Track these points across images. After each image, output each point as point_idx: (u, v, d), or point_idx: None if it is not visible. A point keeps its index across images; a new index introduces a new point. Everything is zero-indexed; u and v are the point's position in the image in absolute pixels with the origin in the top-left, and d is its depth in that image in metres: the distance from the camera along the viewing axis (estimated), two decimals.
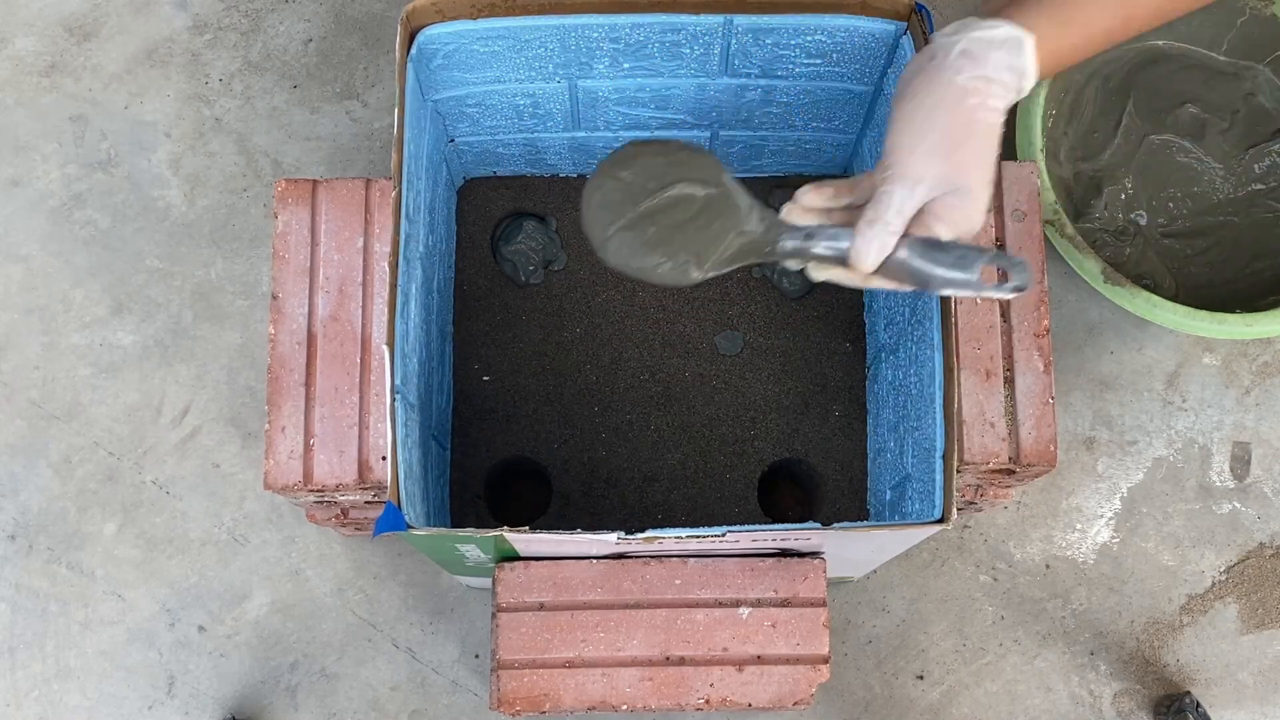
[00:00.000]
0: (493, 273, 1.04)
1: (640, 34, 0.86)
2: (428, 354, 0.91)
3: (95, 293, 1.33)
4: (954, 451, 0.78)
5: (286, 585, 1.27)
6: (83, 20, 1.40)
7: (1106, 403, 1.32)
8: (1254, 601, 1.29)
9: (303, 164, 1.37)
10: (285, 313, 0.94)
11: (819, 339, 1.03)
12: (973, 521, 1.29)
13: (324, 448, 0.91)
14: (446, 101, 0.93)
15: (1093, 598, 1.28)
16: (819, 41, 0.87)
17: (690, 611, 0.90)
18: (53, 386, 1.31)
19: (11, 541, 1.28)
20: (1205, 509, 1.31)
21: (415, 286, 0.85)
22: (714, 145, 1.01)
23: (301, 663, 1.26)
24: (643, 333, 1.03)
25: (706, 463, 1.01)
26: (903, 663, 1.27)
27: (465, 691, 1.26)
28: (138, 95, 1.38)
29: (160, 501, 1.29)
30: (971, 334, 0.94)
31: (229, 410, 1.31)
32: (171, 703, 1.25)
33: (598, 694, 0.89)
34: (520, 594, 0.90)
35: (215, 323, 1.33)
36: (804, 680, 0.89)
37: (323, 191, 0.96)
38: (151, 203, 1.36)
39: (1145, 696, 1.26)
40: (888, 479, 0.94)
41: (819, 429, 1.02)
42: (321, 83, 1.39)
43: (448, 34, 0.85)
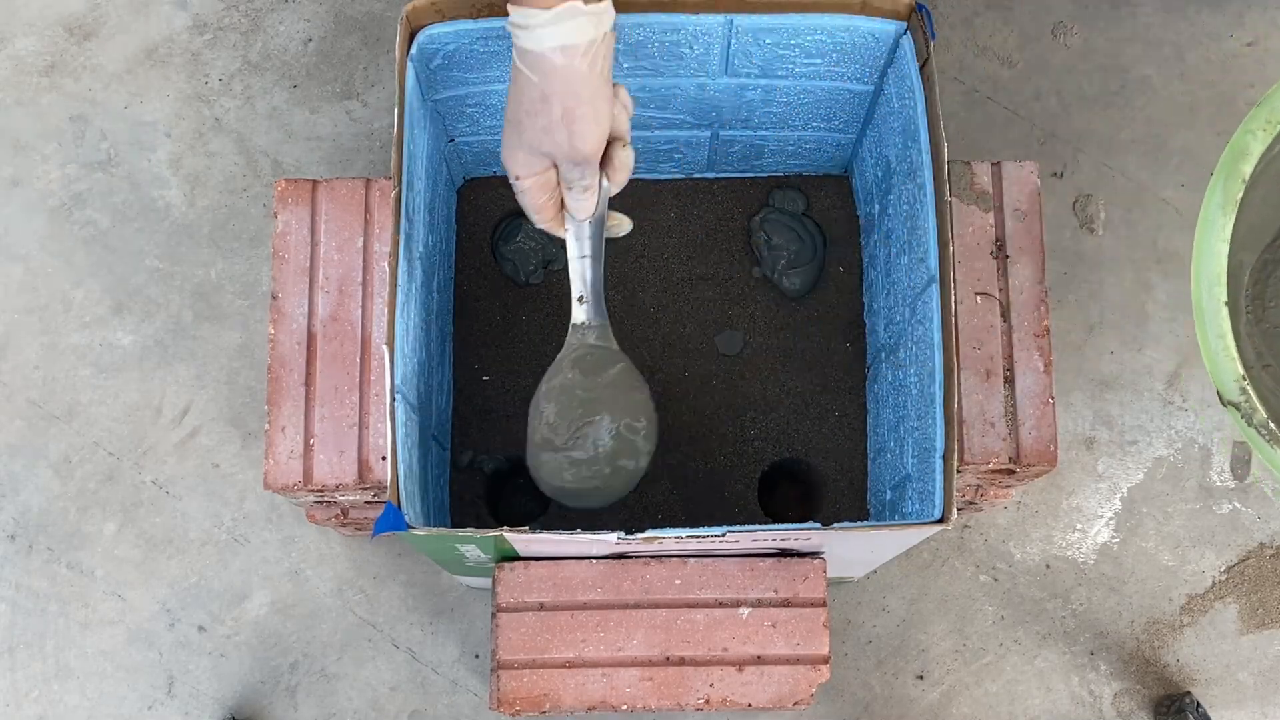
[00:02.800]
0: (493, 273, 1.04)
1: (640, 34, 0.86)
2: (428, 354, 0.91)
3: (95, 293, 1.34)
4: (954, 451, 0.78)
5: (286, 585, 1.27)
6: (83, 20, 1.40)
7: (1106, 403, 1.32)
8: (1254, 601, 1.29)
9: (303, 164, 1.37)
10: (285, 313, 0.94)
11: (819, 339, 1.03)
12: (973, 521, 1.29)
13: (324, 448, 0.91)
14: (446, 101, 0.93)
15: (1093, 598, 1.28)
16: (819, 41, 0.87)
17: (690, 611, 0.90)
18: (53, 386, 1.31)
19: (11, 541, 1.28)
20: (1205, 509, 1.31)
21: (415, 286, 0.85)
22: (714, 145, 1.01)
23: (301, 663, 1.26)
24: (643, 333, 1.03)
25: (706, 463, 1.01)
26: (903, 663, 1.27)
27: (465, 691, 1.26)
28: (138, 95, 1.38)
29: (160, 501, 1.29)
30: (971, 334, 0.94)
31: (229, 410, 1.31)
32: (171, 703, 1.25)
33: (598, 694, 0.89)
34: (520, 594, 0.90)
35: (215, 323, 1.33)
36: (804, 680, 0.89)
37: (323, 191, 0.96)
38: (151, 203, 1.36)
39: (1145, 696, 1.26)
40: (888, 479, 0.94)
41: (819, 429, 1.02)
42: (321, 83, 1.39)
43: (448, 34, 0.85)
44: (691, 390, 1.02)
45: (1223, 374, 0.82)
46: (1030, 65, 1.40)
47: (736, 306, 1.04)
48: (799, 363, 1.03)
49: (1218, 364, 0.82)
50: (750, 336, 1.03)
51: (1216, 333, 0.82)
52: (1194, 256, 0.83)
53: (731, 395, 1.02)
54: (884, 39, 0.86)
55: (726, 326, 1.03)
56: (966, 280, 0.95)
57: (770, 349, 1.03)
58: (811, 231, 1.03)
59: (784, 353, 1.03)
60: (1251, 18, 1.41)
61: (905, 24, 0.85)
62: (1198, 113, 1.39)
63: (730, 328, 1.03)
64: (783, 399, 1.02)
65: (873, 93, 0.93)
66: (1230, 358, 0.82)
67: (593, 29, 0.73)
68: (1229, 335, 0.82)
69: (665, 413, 1.02)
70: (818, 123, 0.98)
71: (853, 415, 1.02)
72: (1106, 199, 1.37)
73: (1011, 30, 1.41)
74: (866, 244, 1.02)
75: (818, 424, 1.02)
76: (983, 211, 0.96)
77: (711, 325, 1.03)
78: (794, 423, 1.02)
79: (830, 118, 0.97)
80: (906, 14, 0.84)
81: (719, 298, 1.04)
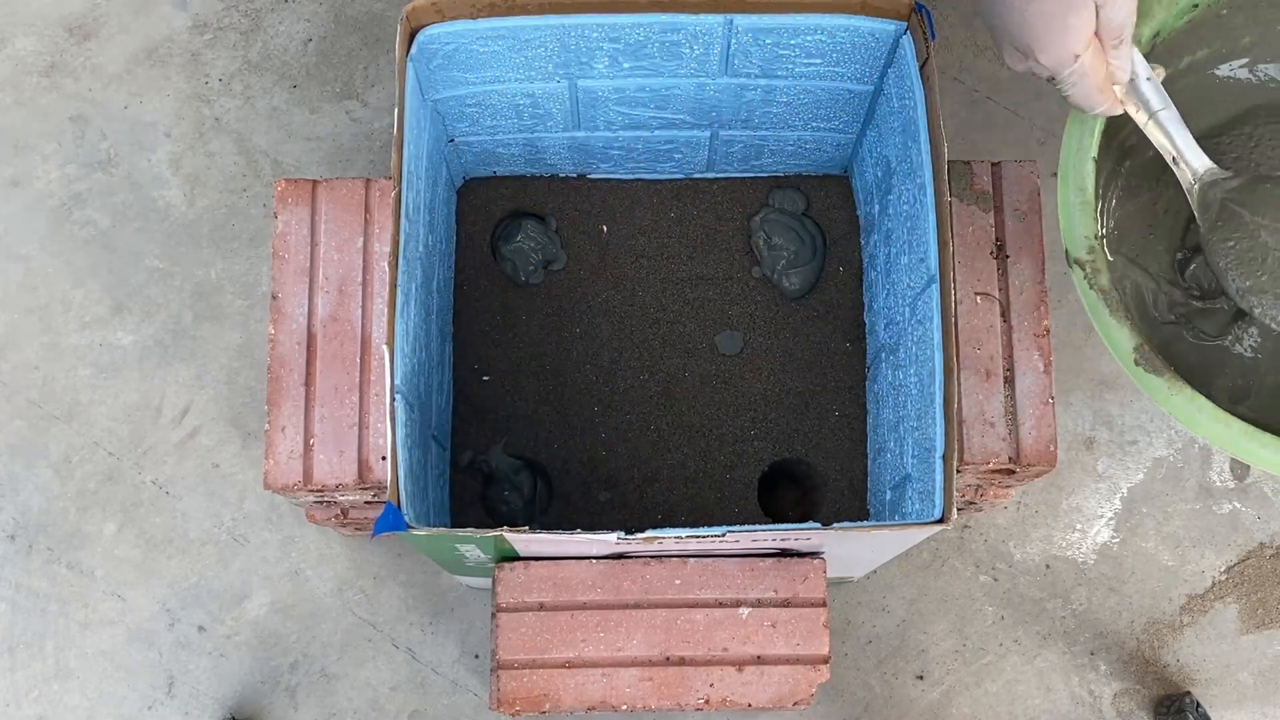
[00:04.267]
0: (493, 273, 1.04)
1: (640, 34, 0.86)
2: (428, 354, 0.91)
3: (95, 293, 1.34)
4: (954, 451, 0.78)
5: (286, 585, 1.27)
6: (83, 20, 1.40)
7: (1106, 403, 1.32)
8: (1254, 601, 1.29)
9: (303, 164, 1.37)
10: (285, 313, 0.94)
11: (819, 339, 1.03)
12: (973, 521, 1.29)
13: (324, 448, 0.91)
14: (446, 101, 0.93)
15: (1093, 598, 1.28)
16: (819, 41, 0.87)
17: (690, 612, 0.90)
18: (53, 386, 1.31)
19: (11, 541, 1.28)
20: (1205, 509, 1.31)
21: (415, 286, 0.85)
22: (714, 145, 1.01)
23: (301, 663, 1.26)
24: (643, 333, 1.03)
25: (706, 463, 1.01)
26: (903, 663, 1.27)
27: (465, 691, 1.26)
28: (138, 95, 1.38)
29: (160, 501, 1.29)
30: (971, 334, 0.94)
31: (229, 410, 1.31)
32: (171, 703, 1.25)
33: (598, 694, 0.89)
34: (520, 594, 0.90)
35: (215, 323, 1.33)
36: (804, 680, 0.89)
37: (323, 191, 0.96)
38: (151, 203, 1.36)
39: (1145, 696, 1.26)
40: (888, 479, 0.94)
41: (819, 429, 1.02)
42: (321, 82, 1.39)
43: (448, 34, 0.85)
44: (691, 390, 1.02)
45: (1075, 229, 0.83)
46: None
47: (736, 306, 1.04)
48: (799, 363, 1.03)
49: (1072, 219, 0.83)
50: (750, 336, 1.03)
51: (1078, 185, 0.83)
52: (1070, 113, 0.86)
53: (731, 395, 1.02)
54: (884, 39, 0.86)
55: (726, 326, 1.03)
56: (966, 280, 0.95)
57: (770, 349, 1.03)
58: (811, 231, 1.03)
59: (784, 353, 1.03)
60: None
61: (905, 24, 0.85)
62: None
63: (730, 328, 1.03)
64: (783, 399, 1.02)
65: (873, 93, 0.93)
66: (1088, 214, 0.83)
67: None
68: (1090, 190, 0.83)
69: (665, 413, 1.02)
70: (818, 123, 0.98)
71: (853, 415, 1.02)
72: None
73: None
74: (866, 244, 1.02)
75: (818, 424, 1.02)
76: (983, 211, 0.96)
77: (711, 325, 1.03)
78: (794, 423, 1.02)
79: (830, 118, 0.97)
80: (906, 14, 0.84)
81: (719, 298, 1.04)
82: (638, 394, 1.02)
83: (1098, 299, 0.83)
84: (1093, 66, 0.77)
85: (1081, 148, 0.85)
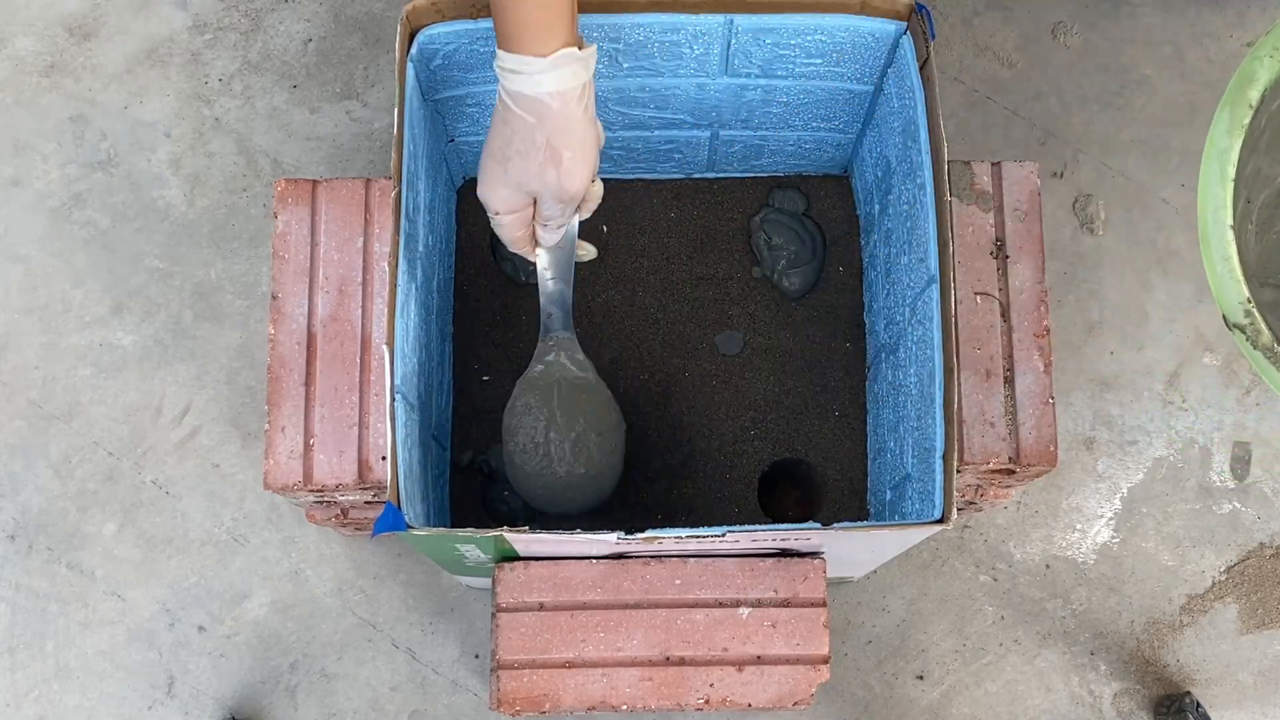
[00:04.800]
0: (493, 273, 1.04)
1: (640, 34, 0.86)
2: (428, 354, 0.91)
3: (95, 293, 1.34)
4: (954, 451, 0.78)
5: (286, 585, 1.27)
6: (83, 20, 1.40)
7: (1106, 403, 1.32)
8: (1254, 601, 1.29)
9: (303, 164, 1.37)
10: (285, 313, 0.94)
11: (819, 339, 1.03)
12: (973, 521, 1.29)
13: (324, 448, 0.91)
14: (446, 101, 0.93)
15: (1093, 598, 1.28)
16: (819, 41, 0.87)
17: (690, 611, 0.90)
18: (53, 386, 1.31)
19: (11, 541, 1.28)
20: (1205, 509, 1.31)
21: (415, 286, 0.85)
22: (714, 145, 1.01)
23: (301, 663, 1.26)
24: (643, 333, 1.03)
25: (706, 463, 1.01)
26: (903, 663, 1.27)
27: (465, 691, 1.26)
28: (138, 95, 1.38)
29: (160, 501, 1.29)
30: (971, 334, 0.94)
31: (229, 410, 1.31)
32: (171, 703, 1.25)
33: (598, 694, 0.89)
34: (520, 594, 0.90)
35: (215, 323, 1.33)
36: (804, 680, 0.89)
37: (322, 191, 0.96)
38: (151, 203, 1.36)
39: (1145, 696, 1.26)
40: (888, 479, 0.94)
41: (819, 429, 1.02)
42: (321, 83, 1.39)
43: (448, 34, 0.85)
44: (691, 390, 1.02)
45: (1228, 297, 0.82)
46: (1030, 65, 1.40)
47: (736, 306, 1.04)
48: (799, 363, 1.03)
49: (1223, 287, 0.83)
50: (750, 336, 1.03)
51: (1221, 255, 0.82)
52: (1200, 181, 0.84)
53: (731, 395, 1.02)
54: (884, 39, 0.86)
55: (726, 326, 1.03)
56: (966, 280, 0.95)
57: (770, 349, 1.03)
58: (811, 231, 1.03)
59: (784, 353, 1.03)
60: (1251, 18, 1.41)
61: (905, 24, 0.85)
62: (1198, 113, 1.39)
63: (730, 328, 1.03)
64: (782, 399, 1.02)
65: (873, 93, 0.93)
66: (1235, 279, 0.82)
67: (585, 73, 0.75)
68: (1234, 258, 0.82)
69: (665, 413, 1.02)
70: (818, 123, 0.98)
71: (853, 415, 1.02)
72: (1106, 199, 1.37)
73: (1011, 30, 1.41)
74: (866, 244, 1.02)
75: (818, 424, 1.02)
76: (983, 211, 0.96)
77: (711, 325, 1.03)
78: (794, 423, 1.02)
79: (830, 118, 0.97)
80: (906, 14, 0.84)
81: (719, 298, 1.04)
82: (638, 394, 1.02)
83: (1263, 358, 0.83)
84: (510, 226, 0.83)
85: (1219, 220, 0.83)
